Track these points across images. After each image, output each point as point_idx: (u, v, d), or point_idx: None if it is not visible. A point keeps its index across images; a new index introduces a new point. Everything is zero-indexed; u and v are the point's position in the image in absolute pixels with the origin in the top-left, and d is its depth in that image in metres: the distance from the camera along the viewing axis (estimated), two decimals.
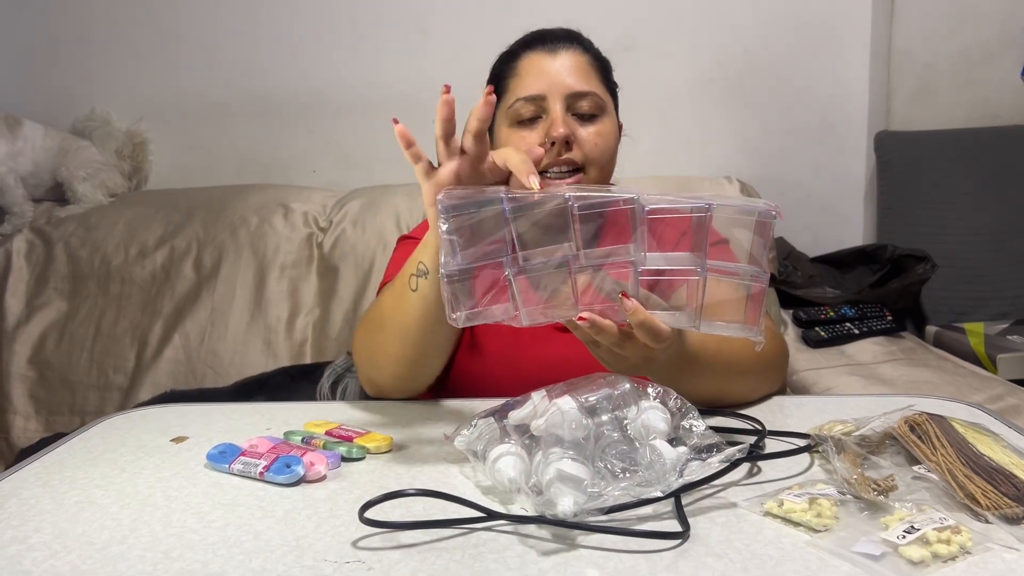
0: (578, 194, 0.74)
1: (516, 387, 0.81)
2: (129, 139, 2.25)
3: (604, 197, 0.73)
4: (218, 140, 2.29)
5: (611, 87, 1.12)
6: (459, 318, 0.75)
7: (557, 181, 1.03)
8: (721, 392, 0.93)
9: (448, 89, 0.78)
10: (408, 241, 1.15)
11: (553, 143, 1.02)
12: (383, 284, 1.10)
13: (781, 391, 1.01)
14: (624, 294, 0.76)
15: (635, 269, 0.75)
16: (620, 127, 1.15)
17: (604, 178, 1.08)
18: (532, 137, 1.04)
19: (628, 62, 1.18)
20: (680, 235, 0.76)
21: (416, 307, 0.91)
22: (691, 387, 0.84)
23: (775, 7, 2.11)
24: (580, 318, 0.77)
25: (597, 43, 1.15)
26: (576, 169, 1.03)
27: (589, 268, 0.75)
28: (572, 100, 1.04)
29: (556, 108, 1.03)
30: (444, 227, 0.73)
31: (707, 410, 0.88)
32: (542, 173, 1.03)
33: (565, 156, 1.02)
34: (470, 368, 1.06)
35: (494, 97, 0.80)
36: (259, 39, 2.23)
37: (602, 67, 1.10)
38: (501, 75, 1.10)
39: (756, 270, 0.75)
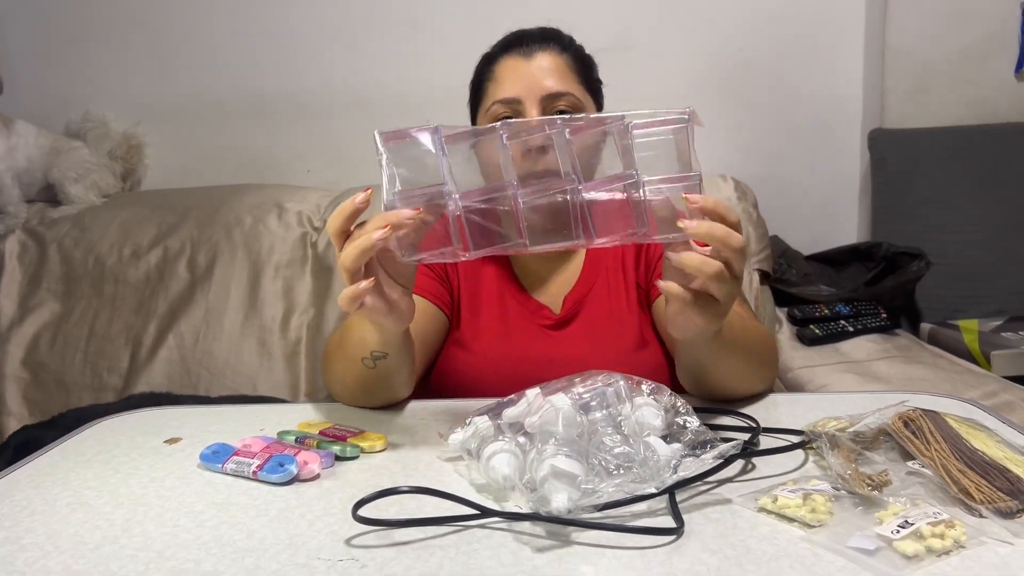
0: (512, 121, 0.76)
1: (505, 387, 0.81)
2: (125, 141, 2.24)
3: (534, 127, 0.76)
4: (212, 140, 2.28)
5: (592, 86, 1.11)
6: (403, 254, 0.76)
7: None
8: (748, 377, 0.94)
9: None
10: None
11: (529, 150, 1.02)
12: None
13: (770, 388, 1.01)
14: (681, 213, 0.75)
15: (578, 194, 0.76)
16: None
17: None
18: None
19: (623, 62, 1.18)
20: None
21: (375, 378, 0.93)
22: (727, 369, 0.89)
23: (769, 7, 2.11)
24: (698, 243, 0.75)
25: (590, 44, 1.14)
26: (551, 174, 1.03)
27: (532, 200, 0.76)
28: (548, 102, 1.04)
29: (531, 113, 1.03)
30: (384, 160, 0.75)
31: (701, 407, 0.88)
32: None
33: (541, 164, 1.02)
34: (459, 368, 1.06)
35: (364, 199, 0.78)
36: (253, 39, 2.23)
37: (582, 66, 1.09)
38: (480, 79, 1.11)
39: (684, 174, 0.77)
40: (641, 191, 0.75)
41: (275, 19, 2.21)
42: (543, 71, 1.05)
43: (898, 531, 0.59)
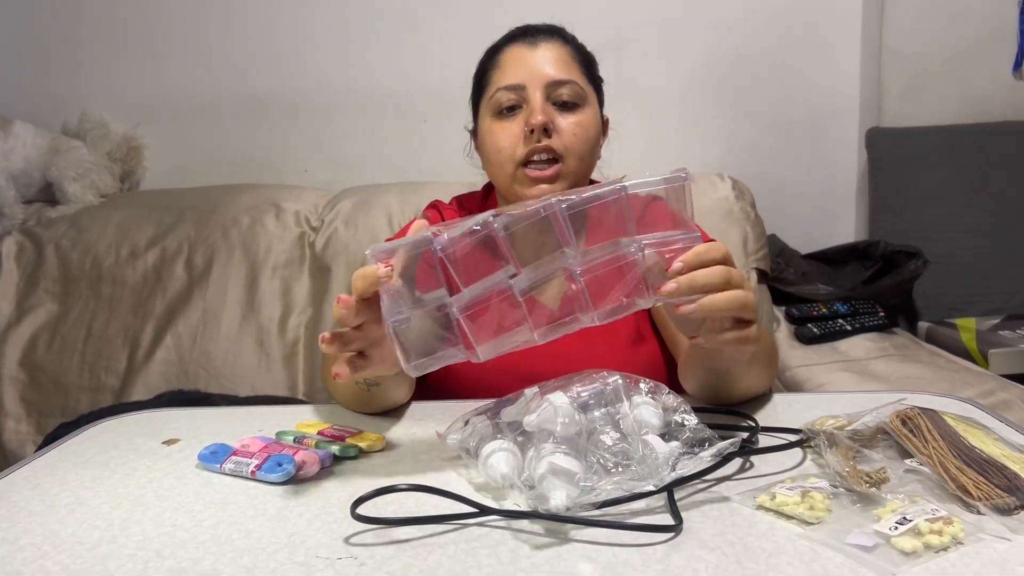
0: (505, 211, 0.71)
1: (504, 384, 0.81)
2: (125, 143, 2.24)
3: (524, 211, 0.71)
4: (209, 140, 2.28)
5: (594, 81, 1.12)
6: (412, 368, 0.72)
7: (537, 172, 1.03)
8: (755, 385, 0.94)
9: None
10: None
11: (532, 131, 1.02)
12: None
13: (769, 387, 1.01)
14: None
15: (575, 273, 0.72)
16: (606, 122, 1.15)
17: (583, 168, 1.08)
18: (513, 127, 1.04)
19: (619, 61, 1.18)
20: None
21: (373, 399, 0.93)
22: (741, 382, 0.89)
23: (766, 5, 2.11)
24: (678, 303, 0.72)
25: (588, 43, 1.15)
26: (554, 159, 1.04)
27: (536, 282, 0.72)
28: (552, 89, 1.05)
29: (535, 96, 1.04)
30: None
31: (700, 406, 0.88)
32: (524, 164, 1.04)
33: (544, 144, 1.03)
34: (457, 365, 1.06)
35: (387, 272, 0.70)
36: (250, 39, 2.23)
37: (584, 60, 1.11)
38: (485, 68, 1.11)
39: (683, 233, 0.74)
40: (640, 255, 0.73)
41: (272, 19, 2.21)
42: (547, 59, 1.06)
43: (896, 528, 0.59)
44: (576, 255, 0.72)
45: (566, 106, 1.05)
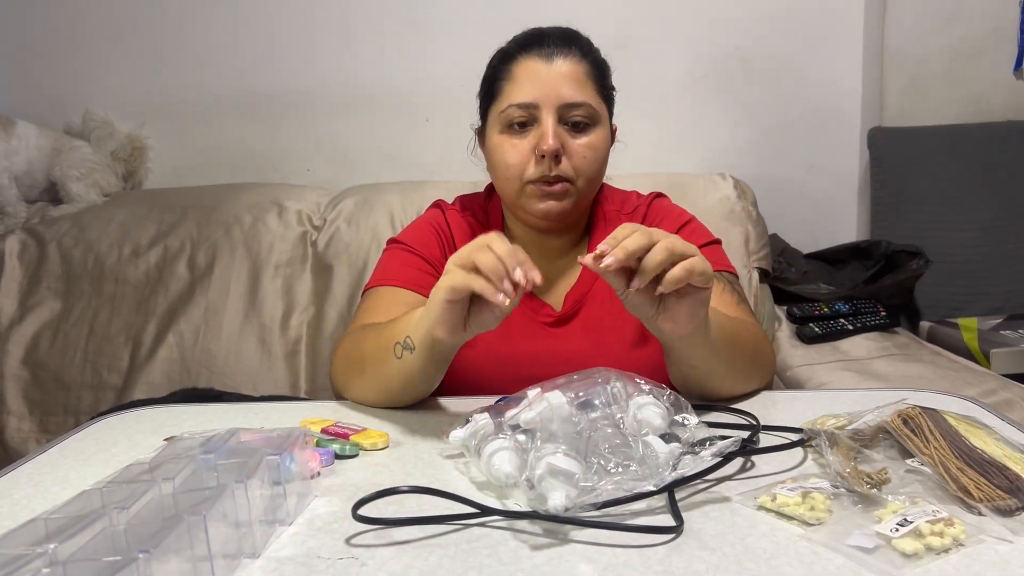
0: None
1: (507, 384, 0.81)
2: (129, 142, 2.24)
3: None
4: (211, 139, 2.28)
5: (607, 92, 1.10)
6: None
7: (546, 188, 1.04)
8: (742, 379, 0.94)
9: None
10: (396, 246, 1.15)
11: (543, 155, 1.02)
12: (367, 288, 1.10)
13: (767, 386, 1.01)
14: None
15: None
16: (614, 131, 1.14)
17: (592, 188, 1.08)
18: (523, 145, 1.04)
19: (622, 59, 1.17)
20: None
21: (398, 372, 0.92)
22: (720, 371, 0.89)
23: (768, 5, 2.11)
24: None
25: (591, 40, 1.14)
26: (563, 180, 1.04)
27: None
28: (565, 111, 1.03)
29: (548, 120, 1.02)
30: None
31: (701, 405, 0.88)
32: (532, 183, 1.04)
33: (555, 171, 1.03)
34: (461, 365, 1.06)
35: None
36: (253, 38, 2.23)
37: (599, 73, 1.08)
38: (496, 76, 1.09)
39: None
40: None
41: (273, 17, 2.21)
42: (562, 78, 1.03)
43: (897, 529, 0.59)
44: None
45: (578, 126, 1.04)
